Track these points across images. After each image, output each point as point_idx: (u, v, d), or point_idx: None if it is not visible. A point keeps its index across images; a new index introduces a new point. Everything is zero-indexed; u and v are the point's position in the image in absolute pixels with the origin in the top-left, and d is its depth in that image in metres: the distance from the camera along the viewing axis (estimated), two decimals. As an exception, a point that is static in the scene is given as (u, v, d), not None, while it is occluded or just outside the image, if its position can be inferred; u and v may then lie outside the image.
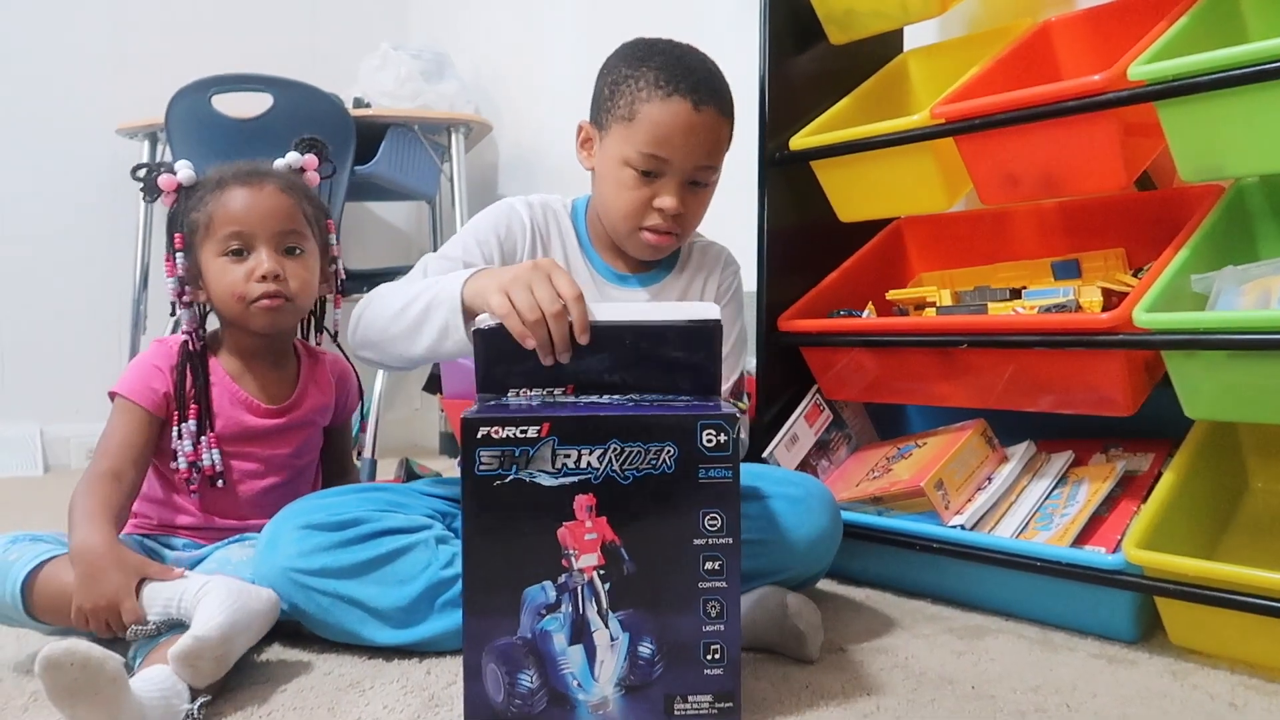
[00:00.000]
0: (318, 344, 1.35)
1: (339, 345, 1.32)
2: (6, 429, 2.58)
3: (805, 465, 1.42)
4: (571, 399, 0.95)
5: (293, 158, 1.27)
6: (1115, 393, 1.16)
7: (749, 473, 1.17)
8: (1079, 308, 1.23)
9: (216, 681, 0.95)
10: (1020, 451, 1.32)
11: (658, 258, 1.25)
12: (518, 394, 0.95)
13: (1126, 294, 1.14)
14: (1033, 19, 1.47)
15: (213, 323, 1.28)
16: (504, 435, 0.84)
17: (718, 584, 0.87)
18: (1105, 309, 1.19)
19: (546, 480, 0.85)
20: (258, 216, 1.17)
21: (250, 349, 1.24)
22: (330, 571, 1.04)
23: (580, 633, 0.86)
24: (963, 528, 1.21)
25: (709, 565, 0.86)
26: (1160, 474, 1.18)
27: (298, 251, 1.20)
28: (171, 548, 1.19)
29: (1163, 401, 1.13)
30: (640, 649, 0.87)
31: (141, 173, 1.22)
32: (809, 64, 1.51)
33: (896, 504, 1.27)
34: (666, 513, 0.86)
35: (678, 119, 1.13)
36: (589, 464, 0.85)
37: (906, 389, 1.38)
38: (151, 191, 1.21)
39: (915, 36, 1.66)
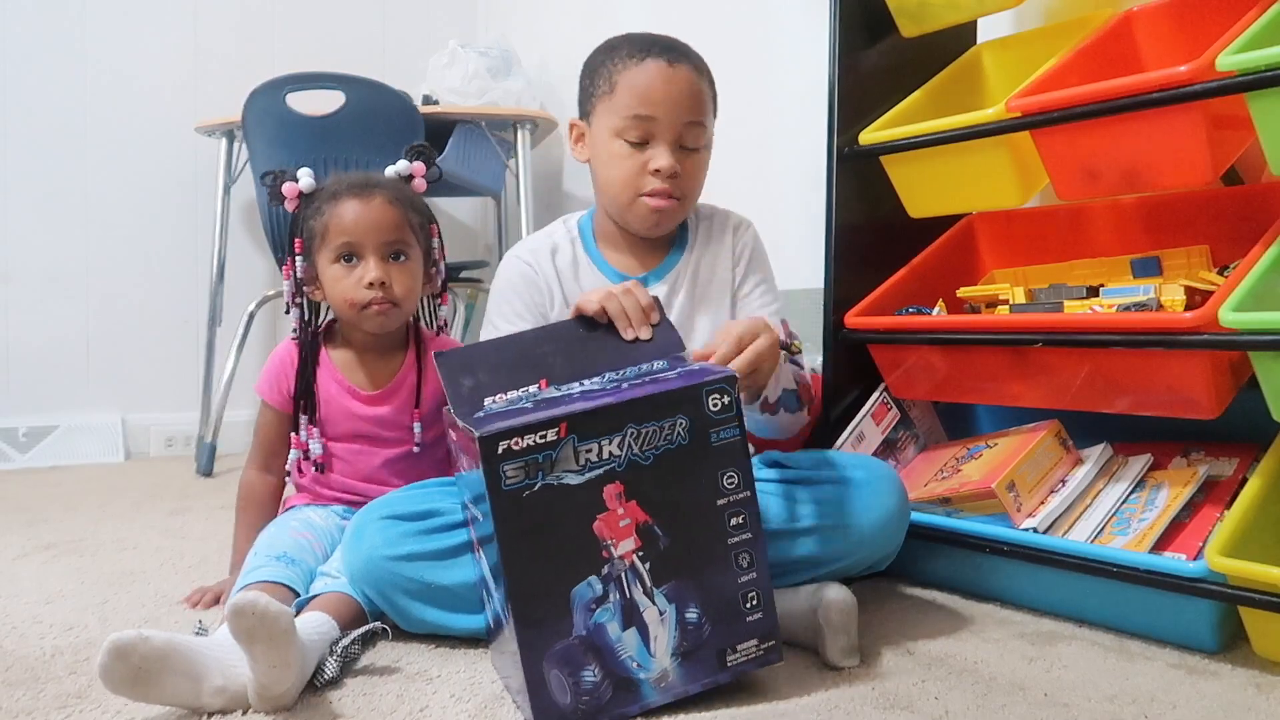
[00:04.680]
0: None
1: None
2: (90, 418, 2.68)
3: (871, 464, 1.40)
4: (556, 392, 0.94)
5: (402, 165, 1.35)
6: (1199, 394, 1.12)
7: (814, 457, 1.17)
8: (1160, 306, 1.19)
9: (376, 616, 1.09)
10: (1096, 454, 1.28)
11: (665, 229, 1.26)
12: (494, 400, 0.95)
13: (1211, 293, 1.10)
14: (1113, 9, 1.43)
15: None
16: (525, 444, 0.83)
17: (744, 536, 0.91)
18: (1188, 308, 1.16)
19: (574, 479, 0.85)
20: (365, 227, 1.26)
21: (360, 342, 1.34)
22: (417, 556, 1.07)
23: (631, 617, 0.88)
24: (1035, 531, 1.18)
25: (734, 521, 0.90)
26: (1245, 479, 1.14)
27: (402, 258, 1.29)
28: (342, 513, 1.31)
29: (1248, 405, 1.10)
30: (688, 615, 0.89)
31: (268, 180, 1.32)
32: (879, 57, 1.48)
33: (966, 505, 1.25)
34: (689, 482, 0.88)
35: (656, 76, 1.19)
36: (610, 453, 0.86)
37: (977, 388, 1.35)
38: (276, 198, 1.31)
39: (989, 28, 1.62)
